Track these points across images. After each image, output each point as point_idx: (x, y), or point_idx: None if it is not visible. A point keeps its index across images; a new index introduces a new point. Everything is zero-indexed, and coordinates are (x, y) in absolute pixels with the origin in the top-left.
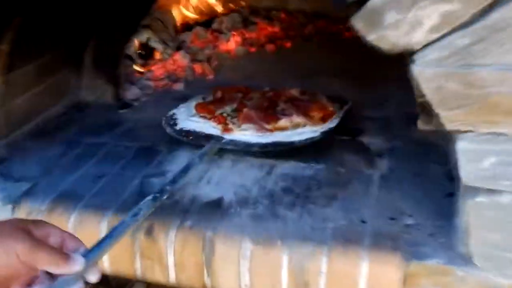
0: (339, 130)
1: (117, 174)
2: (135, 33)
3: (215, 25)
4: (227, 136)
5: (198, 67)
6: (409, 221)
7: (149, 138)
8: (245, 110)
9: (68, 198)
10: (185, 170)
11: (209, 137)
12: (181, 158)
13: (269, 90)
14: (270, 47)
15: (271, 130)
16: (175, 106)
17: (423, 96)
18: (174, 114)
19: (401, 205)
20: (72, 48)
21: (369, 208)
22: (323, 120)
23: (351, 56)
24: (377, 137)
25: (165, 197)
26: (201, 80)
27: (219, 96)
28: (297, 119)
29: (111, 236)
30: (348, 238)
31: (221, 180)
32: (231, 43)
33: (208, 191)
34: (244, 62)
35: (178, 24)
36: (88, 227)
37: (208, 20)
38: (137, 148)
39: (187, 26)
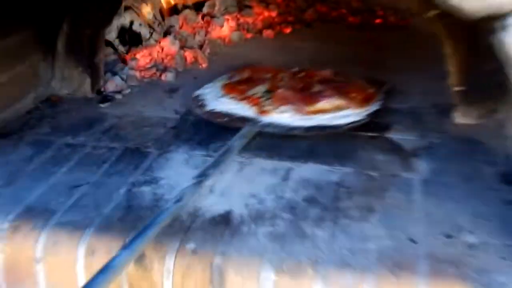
0: (362, 125)
1: (97, 182)
2: (115, 15)
3: (206, 9)
4: (264, 119)
5: (189, 55)
6: (471, 239)
7: (135, 137)
8: (279, 91)
9: (37, 214)
10: (225, 153)
11: (244, 120)
12: (175, 161)
13: (299, 70)
14: (267, 33)
15: (311, 112)
16: (164, 99)
17: (463, 84)
18: (200, 95)
19: (456, 218)
20: (43, 29)
21: (416, 223)
22: (365, 101)
23: (359, 43)
24: (408, 133)
25: (209, 181)
26: (193, 70)
27: (246, 76)
28: (338, 101)
29: (153, 223)
30: (398, 263)
31: (227, 189)
32: (225, 29)
33: (212, 203)
34: (240, 49)
35: (165, 6)
36: (62, 251)
37: (198, 2)
38: (121, 150)
39: (175, 9)
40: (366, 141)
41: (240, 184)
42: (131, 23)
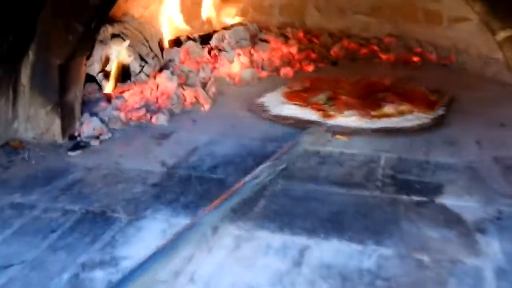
0: (405, 186)
1: (36, 261)
2: (95, 42)
3: (214, 41)
4: (330, 122)
5: (189, 94)
6: None
7: (103, 197)
8: (343, 97)
9: None
10: (294, 146)
11: (310, 122)
12: (148, 232)
13: (360, 79)
14: (286, 71)
15: (376, 116)
16: (151, 147)
17: None
18: (263, 102)
19: None
20: (3, 56)
21: None
22: (429, 107)
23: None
24: (468, 197)
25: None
26: (192, 112)
27: (307, 86)
28: (402, 106)
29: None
30: None
31: (214, 277)
32: (236, 65)
33: None
34: (252, 90)
35: (166, 37)
36: None
37: (205, 35)
38: (81, 213)
39: (178, 41)
40: (410, 208)
41: (233, 270)
42: (119, 53)
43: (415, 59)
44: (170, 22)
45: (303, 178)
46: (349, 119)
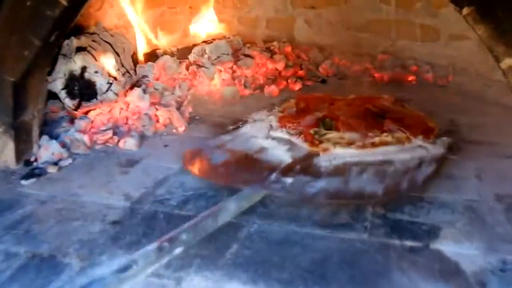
0: (397, 227)
1: None
2: (57, 57)
3: (193, 56)
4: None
5: (162, 115)
6: None
7: (55, 237)
8: (342, 118)
9: None
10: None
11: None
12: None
13: (356, 97)
14: (270, 89)
15: (375, 145)
16: (115, 176)
17: None
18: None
19: None
20: None
21: None
22: (425, 135)
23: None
24: (467, 243)
25: None
26: (165, 135)
27: (302, 106)
28: (399, 133)
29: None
30: None
31: None
32: (216, 82)
33: None
34: (234, 110)
35: (140, 51)
36: None
37: (184, 49)
38: (26, 258)
39: (154, 55)
40: (403, 255)
41: None
42: (84, 69)
43: (410, 78)
44: (146, 33)
45: (283, 217)
46: (347, 152)
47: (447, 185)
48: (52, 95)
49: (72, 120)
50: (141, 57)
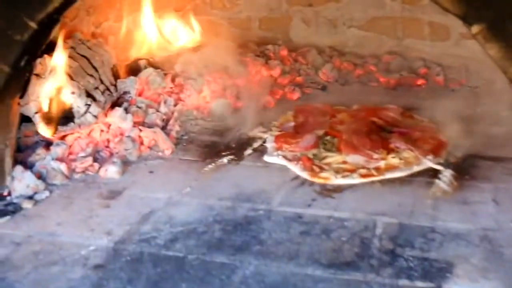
0: (406, 265)
1: None
2: (28, 78)
3: (179, 67)
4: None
5: (147, 136)
6: None
7: (31, 286)
8: (344, 136)
9: None
10: None
11: None
12: None
13: (360, 108)
14: (266, 100)
15: (382, 170)
16: (97, 210)
17: None
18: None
19: None
20: None
21: None
22: (436, 152)
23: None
24: (483, 283)
25: None
26: (151, 159)
27: (301, 121)
28: (407, 153)
29: None
30: None
31: None
32: (205, 95)
33: None
34: (227, 125)
35: (121, 63)
36: None
37: (169, 58)
38: None
39: (136, 68)
40: None
41: None
42: (59, 90)
43: (420, 82)
44: (127, 42)
45: (280, 256)
46: (351, 180)
47: (461, 212)
48: (26, 118)
49: (47, 145)
50: (123, 70)
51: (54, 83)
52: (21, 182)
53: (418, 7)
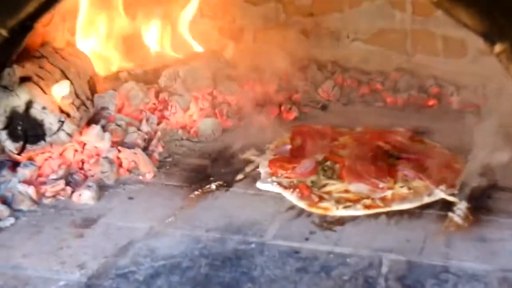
0: None
1: None
2: None
3: (163, 81)
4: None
5: (127, 158)
6: None
7: None
8: (347, 162)
9: None
10: None
11: None
12: None
13: (364, 131)
14: (259, 119)
15: (389, 201)
16: (69, 241)
17: None
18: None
19: None
20: None
21: None
22: (449, 181)
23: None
24: None
25: None
26: (130, 183)
27: (298, 144)
28: (416, 182)
29: None
30: None
31: None
32: (192, 112)
33: None
34: (215, 146)
35: (99, 75)
36: None
37: (153, 70)
38: None
39: (116, 79)
40: None
41: None
42: (29, 104)
43: (431, 103)
44: (106, 52)
45: None
46: (354, 211)
47: (478, 250)
48: None
49: (14, 166)
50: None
51: (23, 96)
52: None
53: (430, 19)
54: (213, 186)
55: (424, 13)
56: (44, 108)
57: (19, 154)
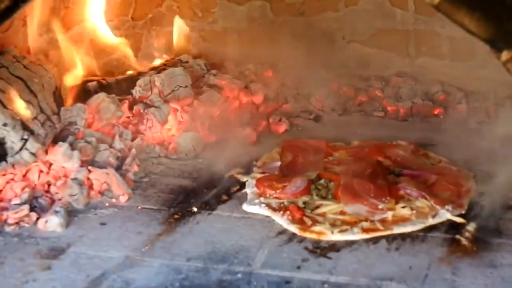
0: None
1: None
2: None
3: (138, 91)
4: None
5: (98, 180)
6: None
7: None
8: (343, 180)
9: None
10: None
11: None
12: None
13: (362, 145)
14: (245, 133)
15: (390, 224)
16: (34, 273)
17: None
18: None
19: None
20: None
21: None
22: (456, 201)
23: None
24: None
25: None
26: (102, 208)
27: (289, 160)
28: (420, 202)
29: None
30: None
31: None
32: (170, 126)
33: None
34: (196, 164)
35: (67, 85)
36: None
37: (126, 78)
38: None
39: (85, 91)
40: None
41: None
42: None
43: (437, 111)
44: (74, 58)
45: None
46: (350, 235)
47: (487, 277)
48: None
49: None
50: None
51: None
52: None
53: (435, 19)
54: (195, 208)
55: (428, 12)
56: (5, 124)
57: None
